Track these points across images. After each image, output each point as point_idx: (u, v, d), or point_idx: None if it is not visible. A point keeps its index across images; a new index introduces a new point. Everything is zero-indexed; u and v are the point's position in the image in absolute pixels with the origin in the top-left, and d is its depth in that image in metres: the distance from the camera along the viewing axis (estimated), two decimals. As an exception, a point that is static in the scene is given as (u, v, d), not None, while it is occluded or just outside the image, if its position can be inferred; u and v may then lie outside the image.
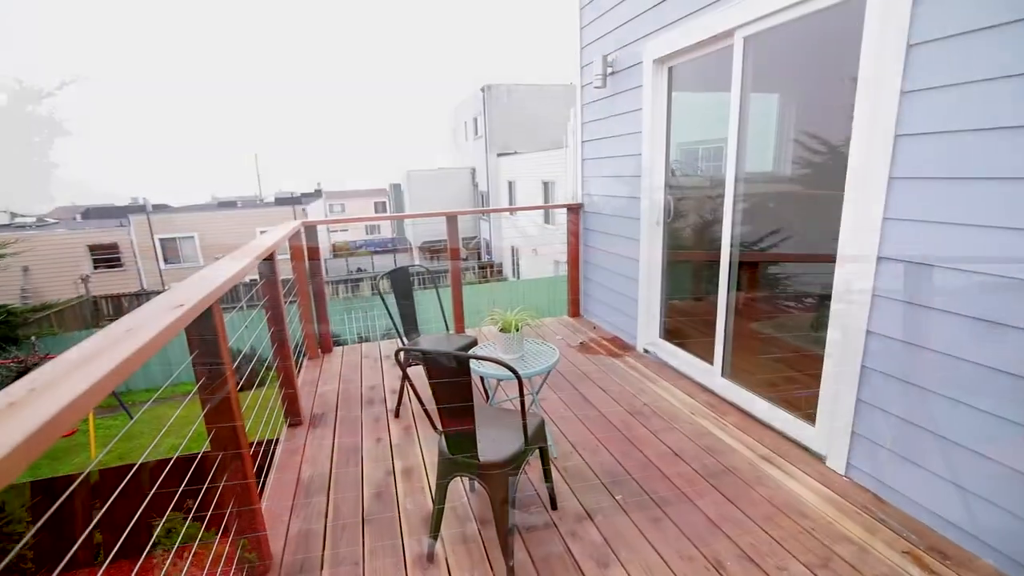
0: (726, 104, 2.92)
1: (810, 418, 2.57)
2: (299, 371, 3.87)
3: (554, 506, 2.21)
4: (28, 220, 23.94)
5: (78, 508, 5.44)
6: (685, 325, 3.80)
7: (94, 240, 20.11)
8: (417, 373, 3.66)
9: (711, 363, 3.30)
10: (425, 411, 2.03)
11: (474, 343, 2.81)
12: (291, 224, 3.58)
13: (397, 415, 3.06)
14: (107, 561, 2.33)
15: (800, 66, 2.70)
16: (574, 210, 4.80)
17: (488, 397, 2.72)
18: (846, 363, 2.26)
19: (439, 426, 1.79)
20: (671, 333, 3.88)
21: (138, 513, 1.46)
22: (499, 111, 21.53)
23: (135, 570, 5.84)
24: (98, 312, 17.56)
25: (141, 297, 18.52)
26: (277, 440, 2.85)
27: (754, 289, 3.11)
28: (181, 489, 1.48)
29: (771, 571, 1.82)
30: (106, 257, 20.21)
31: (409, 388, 2.72)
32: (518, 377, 1.63)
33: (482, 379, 2.64)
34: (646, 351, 3.97)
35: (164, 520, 1.20)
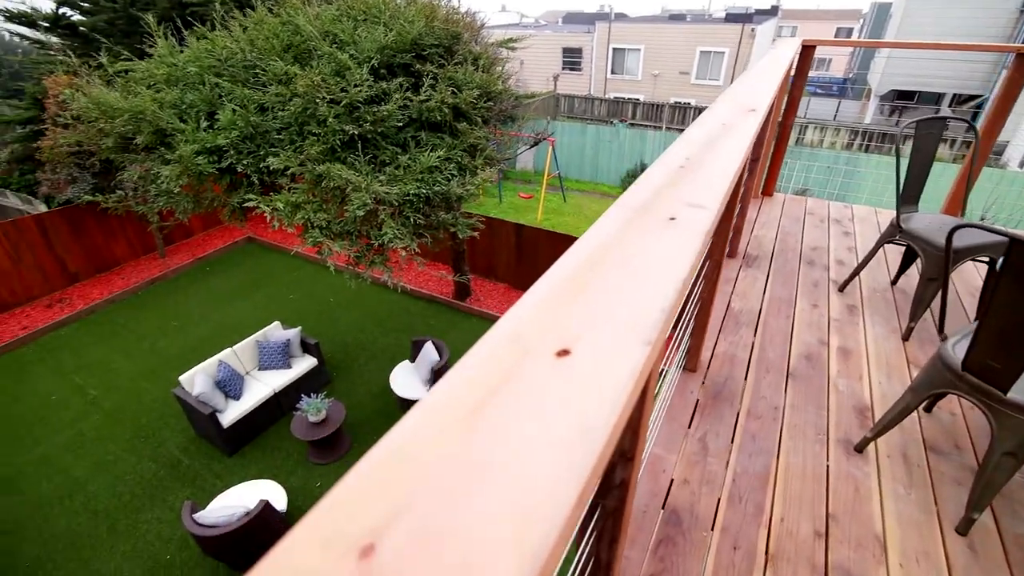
0: None
1: None
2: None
3: (1058, 490, 1.65)
4: (530, 20, 29.61)
5: (526, 247, 7.64)
6: None
7: (567, 43, 23.52)
8: (879, 258, 3.08)
9: None
10: (944, 302, 1.67)
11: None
12: (793, 43, 3.12)
13: (842, 289, 2.71)
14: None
15: None
16: None
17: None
18: None
19: (946, 329, 1.44)
20: None
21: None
22: None
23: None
24: (557, 107, 21.41)
25: (587, 100, 21.39)
26: (709, 264, 2.99)
27: None
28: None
29: None
30: (571, 60, 23.61)
31: (953, 276, 2.30)
32: None
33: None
34: None
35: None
